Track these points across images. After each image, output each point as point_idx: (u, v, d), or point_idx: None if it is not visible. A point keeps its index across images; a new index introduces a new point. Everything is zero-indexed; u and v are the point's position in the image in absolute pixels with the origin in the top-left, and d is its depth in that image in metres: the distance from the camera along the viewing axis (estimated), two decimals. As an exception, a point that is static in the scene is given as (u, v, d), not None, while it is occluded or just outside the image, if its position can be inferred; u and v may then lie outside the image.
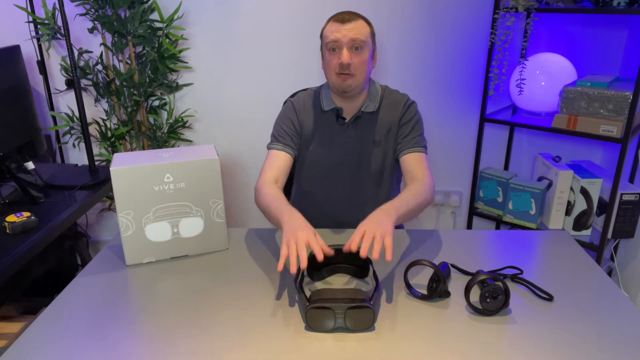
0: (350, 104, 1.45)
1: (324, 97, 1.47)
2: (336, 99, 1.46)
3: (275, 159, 1.43)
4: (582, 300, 1.09)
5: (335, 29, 1.34)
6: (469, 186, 2.52)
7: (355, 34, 1.33)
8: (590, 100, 1.87)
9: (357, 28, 1.33)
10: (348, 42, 1.33)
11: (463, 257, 1.28)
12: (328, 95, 1.47)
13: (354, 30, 1.33)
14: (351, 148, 1.47)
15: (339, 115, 1.46)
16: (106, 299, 1.11)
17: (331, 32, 1.34)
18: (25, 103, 1.69)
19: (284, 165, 1.43)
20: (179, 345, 0.96)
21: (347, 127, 1.46)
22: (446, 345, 0.95)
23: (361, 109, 1.45)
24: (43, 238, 1.45)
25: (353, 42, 1.33)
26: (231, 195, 2.59)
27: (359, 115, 1.45)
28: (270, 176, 1.39)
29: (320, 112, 1.48)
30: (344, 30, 1.33)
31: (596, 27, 2.17)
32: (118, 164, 1.18)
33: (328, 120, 1.47)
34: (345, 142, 1.47)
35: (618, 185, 1.86)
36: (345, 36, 1.32)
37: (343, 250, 1.07)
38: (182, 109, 2.43)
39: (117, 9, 2.13)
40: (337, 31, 1.33)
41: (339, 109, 1.45)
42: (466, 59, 2.30)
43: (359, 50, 1.35)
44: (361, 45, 1.34)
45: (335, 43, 1.34)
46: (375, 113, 1.46)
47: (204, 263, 1.26)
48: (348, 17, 1.34)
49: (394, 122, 1.46)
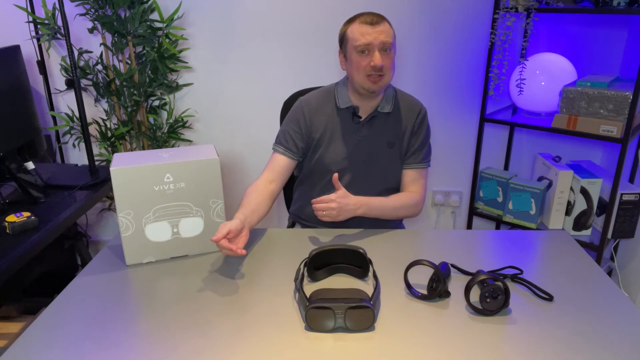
0: (367, 103, 1.46)
1: (340, 95, 1.48)
2: (353, 97, 1.46)
3: (275, 161, 1.48)
4: (582, 300, 1.09)
5: (365, 31, 1.34)
6: (469, 186, 2.52)
7: (385, 36, 1.34)
8: (590, 100, 1.87)
9: (386, 31, 1.35)
10: (379, 44, 1.34)
11: (463, 257, 1.28)
12: (344, 93, 1.47)
13: (384, 32, 1.34)
14: (365, 147, 1.48)
15: (355, 114, 1.46)
16: (106, 299, 1.11)
17: (362, 35, 1.35)
18: (25, 103, 1.69)
19: (283, 168, 1.47)
20: (179, 345, 0.96)
21: (362, 126, 1.47)
22: (446, 345, 0.95)
23: (377, 109, 1.46)
24: (43, 238, 1.45)
25: (384, 45, 1.35)
26: (231, 195, 2.59)
27: (374, 115, 1.46)
28: (266, 177, 1.45)
29: (336, 110, 1.48)
30: (375, 33, 1.34)
31: (596, 27, 2.17)
32: (118, 164, 1.18)
33: (343, 118, 1.48)
34: (359, 141, 1.48)
35: (618, 185, 1.86)
36: (377, 39, 1.34)
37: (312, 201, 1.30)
38: (182, 109, 2.43)
39: (117, 9, 2.13)
40: (368, 34, 1.34)
41: (355, 107, 1.46)
42: (466, 59, 2.30)
43: (387, 52, 1.36)
44: (390, 47, 1.36)
45: (367, 46, 1.34)
46: (390, 114, 1.48)
47: (204, 263, 1.26)
48: (377, 19, 1.35)
49: (408, 126, 1.49)
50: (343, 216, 1.32)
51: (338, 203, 1.30)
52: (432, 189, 2.54)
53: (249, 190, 1.40)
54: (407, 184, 1.52)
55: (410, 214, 1.49)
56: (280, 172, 1.46)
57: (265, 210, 1.38)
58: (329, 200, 1.29)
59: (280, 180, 1.46)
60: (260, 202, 1.37)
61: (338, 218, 1.32)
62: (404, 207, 1.46)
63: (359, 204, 1.36)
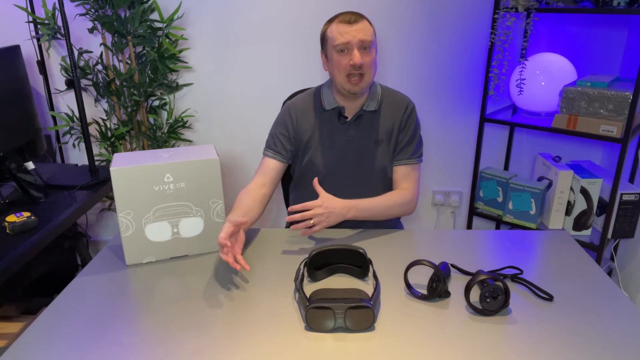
0: (352, 103, 1.46)
1: (325, 96, 1.47)
2: (338, 98, 1.46)
3: (265, 165, 1.48)
4: (582, 300, 1.09)
5: (343, 30, 1.34)
6: (469, 186, 2.52)
7: (364, 34, 1.34)
8: (590, 100, 1.87)
9: (365, 29, 1.34)
10: (358, 42, 1.33)
11: (463, 257, 1.28)
12: (329, 94, 1.47)
13: (362, 30, 1.34)
14: (353, 147, 1.47)
15: (340, 114, 1.46)
16: (106, 299, 1.11)
17: (340, 34, 1.34)
18: (25, 103, 1.69)
19: (273, 171, 1.47)
20: (179, 345, 0.96)
21: (348, 126, 1.46)
22: (446, 345, 0.95)
23: (363, 107, 1.45)
24: (43, 238, 1.45)
25: (362, 43, 1.34)
26: (231, 195, 2.59)
27: (360, 114, 1.46)
28: (256, 181, 1.44)
29: (322, 112, 1.48)
30: (353, 32, 1.33)
31: (596, 27, 2.17)
32: (118, 164, 1.18)
33: (329, 119, 1.47)
34: (347, 141, 1.47)
35: (618, 185, 1.86)
36: (355, 37, 1.33)
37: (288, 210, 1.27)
38: (182, 109, 2.43)
39: (117, 9, 2.13)
40: (346, 32, 1.33)
41: (340, 108, 1.45)
42: (466, 59, 2.30)
43: (367, 50, 1.36)
44: (369, 46, 1.36)
45: (346, 44, 1.34)
46: (376, 112, 1.47)
47: (204, 263, 1.26)
48: (355, 18, 1.35)
49: (396, 122, 1.47)
50: (333, 219, 1.30)
51: (325, 207, 1.28)
52: (432, 189, 2.54)
53: (240, 194, 1.39)
54: (398, 181, 1.49)
55: (404, 212, 1.47)
56: (271, 176, 1.46)
57: (257, 214, 1.37)
58: (314, 206, 1.27)
59: (272, 184, 1.46)
60: (252, 205, 1.35)
61: (329, 222, 1.29)
62: (396, 206, 1.44)
63: (348, 206, 1.33)
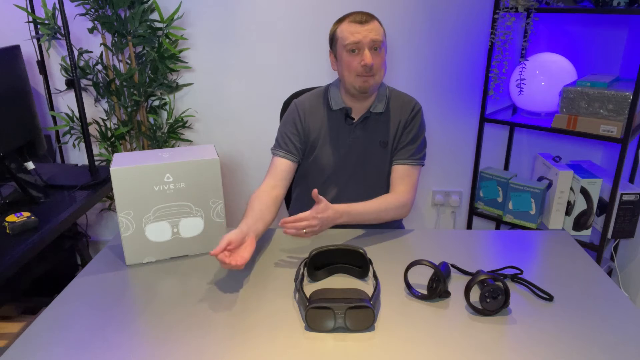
0: (360, 104, 1.45)
1: (332, 96, 1.47)
2: (346, 98, 1.46)
3: (276, 166, 1.45)
4: (582, 300, 1.09)
5: (354, 29, 1.33)
6: (469, 186, 2.52)
7: (375, 34, 1.33)
8: (590, 100, 1.87)
9: (376, 29, 1.34)
10: (369, 42, 1.33)
11: (463, 257, 1.28)
12: (337, 95, 1.47)
13: (373, 31, 1.33)
14: (358, 148, 1.47)
15: (347, 115, 1.46)
16: (106, 299, 1.11)
17: (351, 33, 1.34)
18: (25, 103, 1.69)
19: (285, 172, 1.45)
20: (179, 345, 0.96)
21: (355, 127, 1.46)
22: (446, 345, 0.95)
23: (370, 109, 1.45)
24: (43, 238, 1.45)
25: (374, 43, 1.34)
26: (231, 196, 2.59)
27: (367, 116, 1.45)
28: (268, 183, 1.42)
29: (329, 112, 1.48)
30: (364, 31, 1.33)
31: (596, 27, 2.17)
32: (118, 164, 1.18)
33: (336, 119, 1.47)
34: (353, 142, 1.47)
35: (618, 185, 1.86)
36: (366, 37, 1.33)
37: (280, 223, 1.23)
38: (182, 109, 2.43)
39: (117, 9, 2.13)
40: (357, 32, 1.33)
41: (348, 109, 1.45)
42: (466, 59, 2.30)
43: (377, 51, 1.35)
44: (380, 46, 1.35)
45: (357, 44, 1.33)
46: (383, 114, 1.47)
47: (204, 263, 1.26)
48: (365, 18, 1.34)
49: (401, 122, 1.47)
50: (325, 227, 1.28)
51: (319, 219, 1.24)
52: (432, 189, 2.54)
53: (251, 199, 1.36)
54: (395, 181, 1.46)
55: (397, 216, 1.44)
56: (282, 177, 1.44)
57: (271, 217, 1.33)
58: (311, 217, 1.23)
59: (283, 184, 1.43)
60: (264, 209, 1.32)
61: (320, 230, 1.27)
62: (389, 210, 1.40)
63: (340, 212, 1.30)
